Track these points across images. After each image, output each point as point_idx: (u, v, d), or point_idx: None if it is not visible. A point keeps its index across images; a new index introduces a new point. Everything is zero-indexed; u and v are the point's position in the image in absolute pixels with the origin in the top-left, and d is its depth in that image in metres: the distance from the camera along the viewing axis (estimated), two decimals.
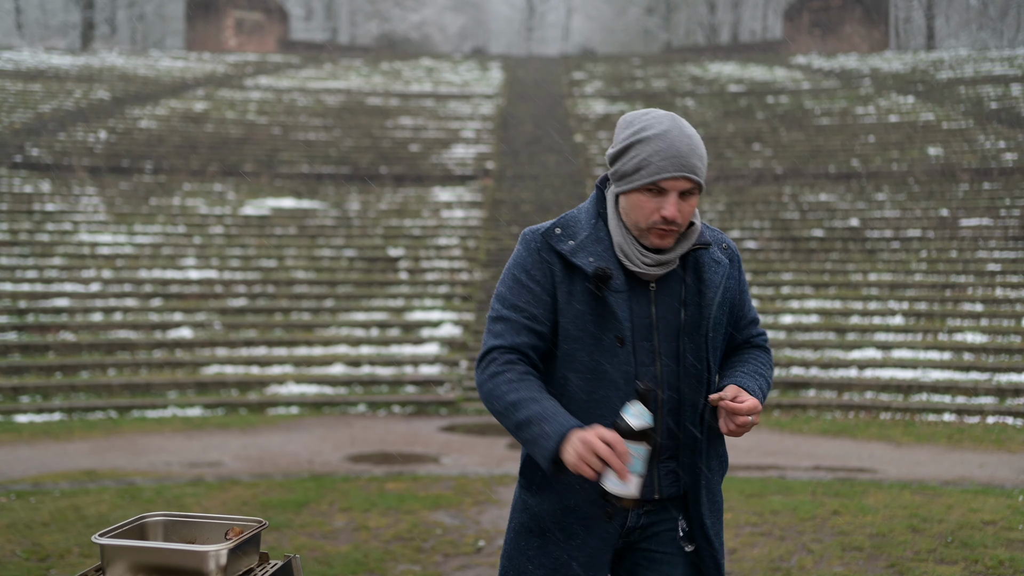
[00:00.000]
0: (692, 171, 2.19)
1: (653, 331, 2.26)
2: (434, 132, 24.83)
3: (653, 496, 2.30)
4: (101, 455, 9.14)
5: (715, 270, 2.32)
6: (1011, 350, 12.93)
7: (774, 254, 16.99)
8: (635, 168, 2.20)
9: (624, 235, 2.26)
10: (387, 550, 5.72)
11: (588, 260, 2.23)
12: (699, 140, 2.26)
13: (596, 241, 2.27)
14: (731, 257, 2.40)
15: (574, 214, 2.34)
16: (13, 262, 15.48)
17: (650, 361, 2.26)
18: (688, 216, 2.24)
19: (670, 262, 2.26)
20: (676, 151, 2.18)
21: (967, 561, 5.41)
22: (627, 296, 2.23)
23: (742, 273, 2.44)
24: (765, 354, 2.47)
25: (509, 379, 2.22)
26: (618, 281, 2.22)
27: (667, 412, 2.27)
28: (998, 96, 25.49)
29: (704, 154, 2.26)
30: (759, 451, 9.61)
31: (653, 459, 2.22)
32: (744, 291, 2.45)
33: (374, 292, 15.65)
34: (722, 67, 34.59)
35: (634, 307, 2.25)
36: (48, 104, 25.02)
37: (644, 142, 2.20)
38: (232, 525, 2.40)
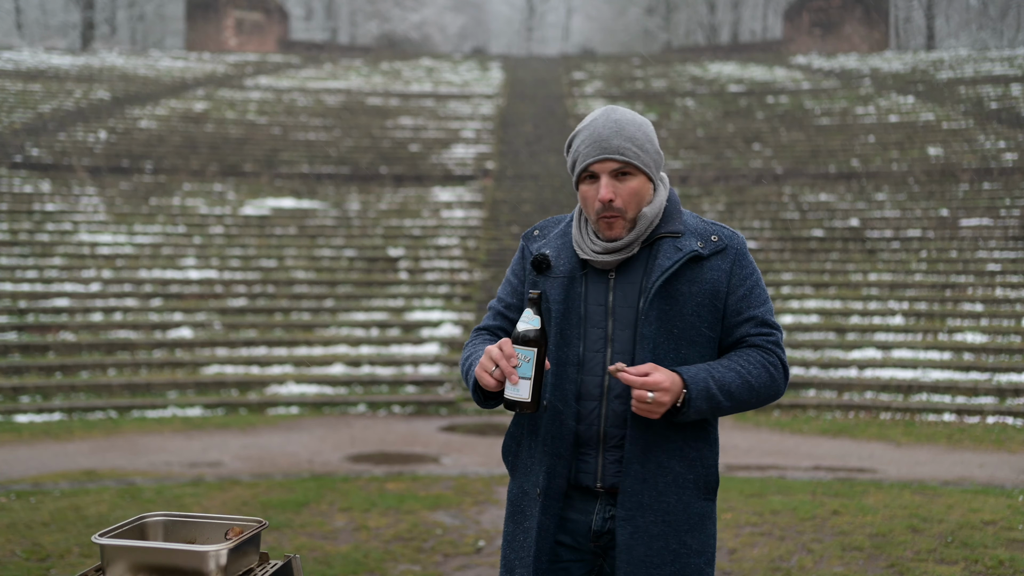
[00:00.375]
0: (616, 151, 2.27)
1: (608, 318, 2.31)
2: (434, 132, 24.83)
3: (595, 484, 2.30)
4: (101, 455, 9.14)
5: (669, 256, 2.28)
6: (1011, 350, 12.93)
7: (774, 254, 16.99)
8: (572, 163, 2.35)
9: (581, 227, 2.38)
10: (387, 550, 5.72)
11: (543, 252, 2.38)
12: (632, 123, 2.31)
13: (561, 236, 2.43)
14: (719, 249, 2.33)
15: (559, 216, 2.52)
16: (13, 262, 15.48)
17: (600, 347, 2.31)
18: (629, 198, 2.28)
19: (621, 249, 2.30)
20: (599, 136, 2.29)
21: (967, 561, 5.41)
22: (566, 281, 2.33)
23: (743, 268, 2.35)
24: (760, 353, 2.32)
25: (471, 344, 2.50)
26: (563, 268, 2.34)
27: (614, 398, 2.28)
28: (998, 96, 25.49)
29: (637, 135, 2.30)
30: (759, 451, 9.61)
31: (598, 448, 2.29)
32: (742, 286, 2.34)
33: (374, 292, 15.65)
34: (722, 67, 34.59)
35: (589, 295, 2.33)
36: (48, 104, 25.03)
37: (577, 136, 2.35)
38: (232, 525, 2.40)
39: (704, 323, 2.31)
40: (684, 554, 2.29)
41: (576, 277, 2.33)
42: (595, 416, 2.30)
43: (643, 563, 2.26)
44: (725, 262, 2.34)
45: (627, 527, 2.26)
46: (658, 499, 2.27)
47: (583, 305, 2.33)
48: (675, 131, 24.96)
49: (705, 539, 2.33)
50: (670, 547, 2.27)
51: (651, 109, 27.54)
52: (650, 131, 2.35)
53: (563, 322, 2.31)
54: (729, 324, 2.35)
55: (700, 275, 2.30)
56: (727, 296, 2.33)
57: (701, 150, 23.15)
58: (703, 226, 2.38)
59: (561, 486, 2.31)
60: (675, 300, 2.28)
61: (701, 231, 2.36)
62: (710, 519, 2.35)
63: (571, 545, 2.35)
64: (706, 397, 2.22)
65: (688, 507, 2.30)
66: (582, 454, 2.32)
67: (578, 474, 2.32)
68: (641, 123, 2.33)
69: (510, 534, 2.42)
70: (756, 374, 2.30)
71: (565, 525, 2.34)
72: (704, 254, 2.31)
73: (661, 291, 2.27)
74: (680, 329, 2.28)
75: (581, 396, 2.31)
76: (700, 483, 2.32)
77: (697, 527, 2.31)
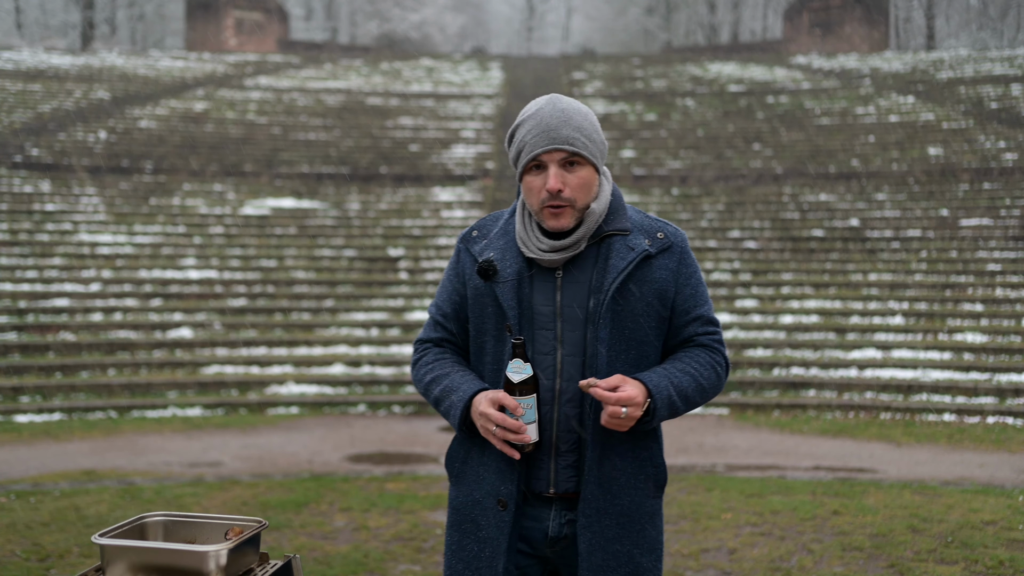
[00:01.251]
0: (565, 142, 2.20)
1: (556, 319, 2.25)
2: (434, 132, 24.83)
3: (548, 490, 2.27)
4: (101, 455, 9.13)
5: (623, 256, 2.25)
6: (1011, 350, 12.93)
7: (774, 254, 16.99)
8: (516, 153, 2.27)
9: (525, 224, 2.31)
10: (387, 550, 5.72)
11: (487, 254, 2.30)
12: (578, 112, 2.26)
13: (503, 235, 2.34)
14: (665, 247, 2.30)
15: (497, 214, 2.44)
16: (13, 262, 15.48)
17: (550, 350, 2.25)
18: (577, 188, 2.23)
19: (569, 247, 2.25)
20: (546, 126, 2.21)
21: (967, 561, 5.41)
22: (515, 284, 2.25)
23: (687, 266, 2.33)
24: (707, 353, 2.32)
25: (425, 362, 2.40)
26: (510, 270, 2.26)
27: (565, 402, 2.24)
28: (998, 96, 25.49)
29: (584, 124, 2.25)
30: (759, 451, 9.61)
31: (551, 453, 2.27)
32: (688, 285, 2.32)
33: (374, 292, 15.66)
34: (722, 67, 34.59)
35: (535, 295, 2.26)
36: (48, 104, 25.03)
37: (521, 126, 2.27)
38: (232, 525, 2.40)
39: (652, 322, 2.28)
40: (637, 554, 2.28)
41: (523, 278, 2.26)
42: (547, 421, 2.25)
43: (602, 568, 2.25)
44: (672, 260, 2.30)
45: (586, 534, 2.24)
46: (614, 502, 2.26)
47: (530, 307, 2.26)
48: (675, 131, 24.96)
49: (655, 536, 2.32)
50: (625, 549, 2.27)
51: (651, 109, 27.54)
52: (595, 121, 2.30)
53: (518, 327, 2.25)
54: (677, 323, 2.32)
55: (649, 274, 2.27)
56: (675, 295, 2.30)
57: (701, 150, 23.15)
58: (648, 223, 2.33)
59: (517, 494, 2.27)
60: (627, 300, 2.24)
61: (647, 228, 2.32)
62: (659, 515, 2.35)
63: (526, 552, 2.32)
64: (668, 405, 2.21)
65: (640, 507, 2.29)
66: (534, 460, 2.27)
67: (531, 480, 2.28)
68: (587, 112, 2.28)
69: (456, 544, 2.35)
70: (706, 376, 2.30)
71: (520, 532, 2.31)
72: (652, 252, 2.27)
73: (616, 292, 2.23)
74: (631, 329, 2.25)
75: None
76: (651, 482, 2.31)
77: (648, 525, 2.30)
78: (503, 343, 2.27)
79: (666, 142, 24.01)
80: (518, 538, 2.30)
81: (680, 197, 20.06)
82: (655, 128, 25.39)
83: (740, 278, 15.96)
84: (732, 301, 15.18)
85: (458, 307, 2.38)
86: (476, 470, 2.32)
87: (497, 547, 2.27)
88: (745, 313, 14.77)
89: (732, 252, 16.99)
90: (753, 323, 14.36)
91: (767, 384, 12.75)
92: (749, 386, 12.73)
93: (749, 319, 14.56)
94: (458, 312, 2.38)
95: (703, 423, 11.25)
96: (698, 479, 7.97)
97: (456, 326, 2.40)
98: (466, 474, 2.34)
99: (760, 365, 13.25)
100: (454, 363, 2.38)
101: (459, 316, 2.39)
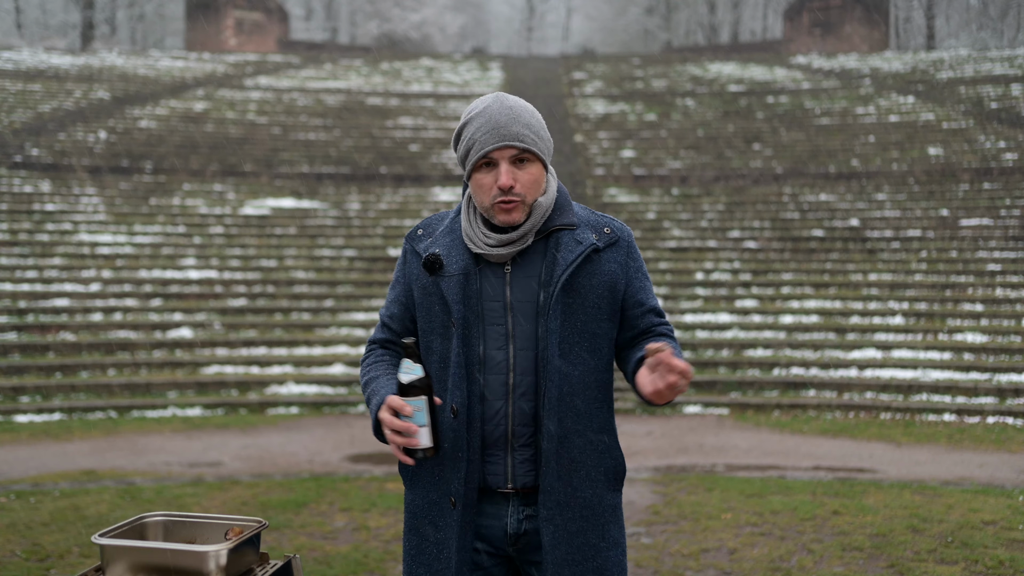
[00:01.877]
0: (515, 138, 2.22)
1: (507, 313, 2.26)
2: (434, 132, 24.83)
3: (506, 486, 2.26)
4: (101, 455, 9.13)
5: (571, 249, 2.26)
6: (1011, 350, 12.93)
7: (774, 254, 16.99)
8: (466, 151, 2.27)
9: (471, 220, 2.32)
10: (387, 550, 5.72)
11: (432, 251, 2.30)
12: (525, 110, 2.27)
13: (449, 233, 2.35)
14: (613, 241, 2.32)
15: (442, 213, 2.44)
16: (13, 262, 15.48)
17: (502, 344, 2.25)
18: (528, 185, 2.24)
19: (516, 241, 2.26)
20: (495, 123, 2.22)
21: (967, 561, 5.41)
22: (462, 279, 2.26)
23: (635, 260, 2.35)
24: (668, 342, 2.31)
25: (365, 364, 2.44)
26: (456, 266, 2.27)
27: (519, 396, 2.24)
28: (998, 96, 25.49)
29: (532, 121, 2.26)
30: (759, 451, 9.61)
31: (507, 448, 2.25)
32: (636, 277, 2.35)
33: (374, 292, 15.65)
34: (722, 67, 34.59)
35: (484, 290, 2.27)
36: (48, 104, 25.02)
37: (468, 124, 2.27)
38: (232, 525, 2.40)
39: (604, 314, 2.29)
40: (604, 548, 2.27)
41: (471, 273, 2.27)
42: (501, 416, 2.25)
43: (567, 562, 2.24)
44: (619, 254, 2.32)
45: (549, 527, 2.23)
46: (574, 495, 2.25)
47: (479, 302, 2.26)
48: (675, 131, 24.96)
49: (620, 531, 2.32)
50: (590, 542, 2.26)
51: (651, 109, 27.54)
52: (541, 118, 2.32)
53: (464, 322, 2.25)
54: (632, 315, 2.34)
55: (598, 268, 2.28)
56: (625, 288, 2.32)
57: (701, 150, 23.14)
58: (594, 218, 2.35)
59: (474, 491, 2.26)
60: (577, 293, 2.25)
61: (594, 223, 2.33)
62: (620, 510, 2.34)
63: (487, 551, 2.30)
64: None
65: (602, 500, 2.28)
66: (489, 456, 2.27)
67: (486, 476, 2.27)
68: (533, 110, 2.30)
69: (415, 548, 2.33)
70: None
71: (479, 531, 2.29)
72: (600, 246, 2.29)
73: (565, 285, 2.24)
74: (583, 322, 2.26)
75: (485, 397, 2.26)
76: (610, 474, 2.31)
77: (612, 519, 2.30)
78: (450, 340, 2.27)
79: (666, 142, 24.01)
80: (477, 537, 2.29)
81: (680, 197, 20.06)
82: (655, 128, 25.39)
83: (740, 278, 15.96)
84: (732, 301, 15.18)
85: (404, 307, 2.39)
86: (431, 471, 2.30)
87: (451, 547, 2.26)
88: (745, 313, 14.77)
89: (732, 252, 16.99)
90: (753, 323, 14.36)
91: (767, 384, 12.75)
92: (749, 386, 12.73)
93: (749, 319, 14.56)
94: (404, 313, 2.39)
95: (703, 423, 11.25)
96: (698, 479, 7.97)
97: (402, 327, 2.41)
98: (420, 475, 2.33)
99: (760, 365, 13.25)
100: (388, 366, 2.39)
101: (405, 317, 2.40)
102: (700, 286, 15.77)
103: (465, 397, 2.24)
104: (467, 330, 2.25)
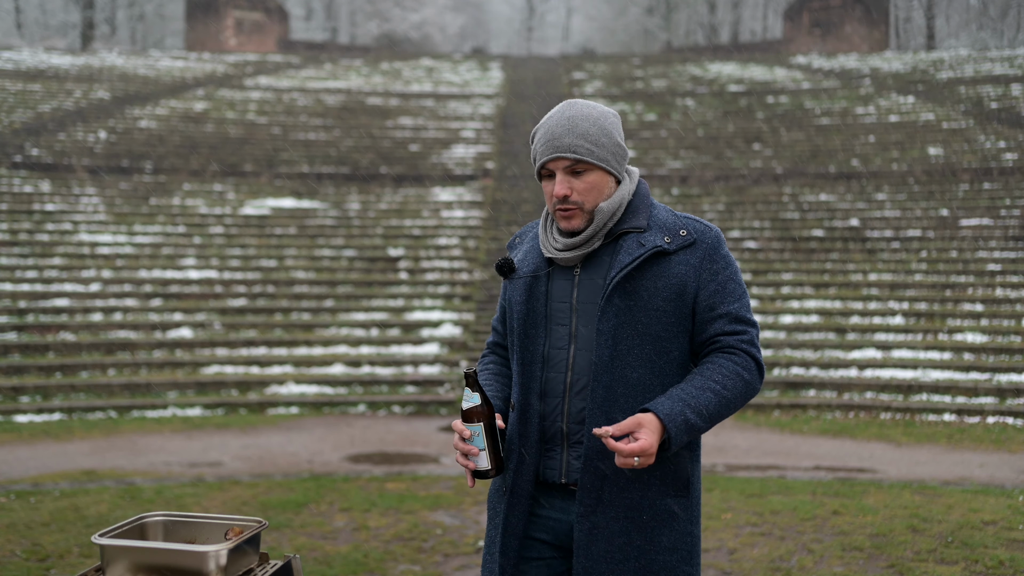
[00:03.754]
0: (566, 150, 2.27)
1: (572, 315, 2.32)
2: (434, 132, 24.83)
3: (559, 480, 2.31)
4: (101, 455, 9.13)
5: (631, 252, 2.26)
6: (1011, 350, 12.93)
7: (774, 254, 16.99)
8: (533, 160, 2.37)
9: (546, 226, 2.42)
10: (387, 550, 5.72)
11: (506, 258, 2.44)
12: (586, 119, 2.30)
13: (533, 238, 2.47)
14: (687, 243, 2.29)
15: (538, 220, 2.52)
16: (13, 262, 15.48)
17: (564, 344, 2.32)
18: (585, 192, 2.29)
19: (580, 245, 2.32)
20: (552, 135, 2.30)
21: (967, 561, 5.41)
22: (528, 282, 2.37)
23: (715, 262, 2.29)
24: (730, 359, 2.26)
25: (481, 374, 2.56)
26: (527, 269, 2.38)
27: (575, 394, 2.29)
28: (998, 96, 25.49)
29: (591, 131, 2.28)
30: (759, 451, 9.61)
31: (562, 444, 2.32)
32: (714, 281, 2.28)
33: (374, 292, 15.65)
34: (722, 67, 34.59)
35: (553, 292, 2.35)
36: (48, 104, 25.03)
37: (536, 133, 2.37)
38: (232, 525, 2.40)
39: (671, 318, 2.27)
40: (650, 551, 2.25)
41: (539, 276, 2.36)
42: (558, 413, 2.30)
43: (603, 559, 2.24)
44: (694, 257, 2.29)
45: (584, 523, 2.26)
46: (620, 495, 2.25)
47: (546, 303, 2.35)
48: (675, 131, 24.96)
49: (678, 536, 2.28)
50: (633, 543, 2.25)
51: (651, 109, 27.54)
52: (608, 124, 2.31)
53: (525, 321, 2.35)
54: (701, 320, 2.29)
55: (667, 270, 2.27)
56: (697, 291, 2.28)
57: (701, 150, 23.15)
58: (673, 220, 2.33)
59: (527, 482, 2.33)
60: (638, 295, 2.25)
61: (670, 225, 2.32)
62: (685, 517, 2.30)
63: (550, 542, 2.36)
64: (685, 430, 2.17)
65: (654, 504, 2.26)
66: (548, 450, 2.33)
67: (545, 471, 2.34)
68: (597, 117, 2.30)
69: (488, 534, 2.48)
70: (731, 386, 2.25)
71: (545, 523, 2.35)
72: (670, 249, 2.27)
73: (620, 286, 2.24)
74: (644, 324, 2.25)
75: (545, 393, 2.32)
76: (668, 480, 2.28)
77: (666, 524, 2.27)
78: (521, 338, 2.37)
79: (666, 142, 24.01)
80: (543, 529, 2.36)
81: (680, 197, 20.06)
82: (655, 128, 25.39)
83: None
84: None
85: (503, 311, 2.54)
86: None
87: (508, 531, 2.35)
88: None
89: (732, 252, 16.98)
90: None
91: (767, 384, 12.75)
92: None
93: None
94: (503, 316, 2.55)
95: None
96: None
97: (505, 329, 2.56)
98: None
99: None
100: (490, 374, 2.54)
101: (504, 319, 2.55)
102: None
103: (521, 393, 2.34)
104: (530, 329, 2.35)
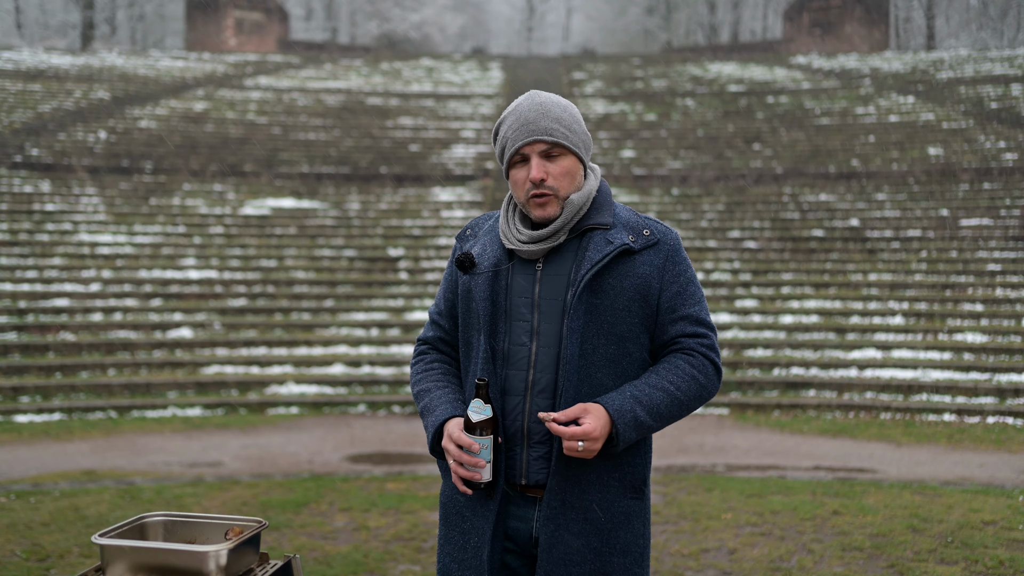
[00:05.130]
0: (543, 133, 2.25)
1: (533, 310, 2.27)
2: (434, 132, 24.83)
3: (520, 481, 2.27)
4: (101, 455, 9.13)
5: (600, 249, 2.25)
6: (1011, 350, 12.93)
7: (774, 254, 16.99)
8: (500, 149, 2.32)
9: (508, 217, 2.36)
10: (387, 550, 5.72)
11: (467, 250, 2.37)
12: (556, 105, 2.30)
13: (490, 231, 2.40)
14: (651, 243, 2.29)
15: (492, 212, 2.49)
16: (13, 262, 15.48)
17: (525, 340, 2.27)
18: (560, 177, 2.27)
19: (547, 238, 2.27)
20: (525, 119, 2.27)
21: (967, 561, 5.41)
22: (491, 276, 2.29)
23: (676, 264, 2.30)
24: (686, 361, 2.27)
25: (417, 370, 2.47)
26: (488, 263, 2.31)
27: (537, 393, 2.25)
28: (998, 96, 25.49)
29: (564, 116, 2.28)
30: (759, 451, 9.61)
31: (522, 444, 2.28)
32: (675, 283, 2.29)
33: (374, 292, 15.65)
34: (722, 67, 34.59)
35: (514, 286, 2.29)
36: (48, 104, 25.02)
37: (502, 124, 2.33)
38: (232, 525, 2.40)
39: (635, 318, 2.26)
40: (606, 552, 2.25)
41: (501, 269, 2.30)
42: (519, 412, 2.26)
43: (562, 561, 2.23)
44: (657, 257, 2.29)
45: (549, 526, 2.24)
46: (581, 497, 2.24)
47: (507, 298, 2.28)
48: (675, 131, 24.96)
49: (632, 538, 2.29)
50: (591, 545, 2.24)
51: (651, 109, 27.54)
52: (576, 113, 2.33)
53: (490, 318, 2.28)
54: (662, 321, 2.29)
55: (631, 269, 2.26)
56: (660, 292, 2.28)
57: (701, 150, 23.14)
58: (636, 220, 2.33)
59: (498, 485, 2.27)
60: (605, 294, 2.24)
61: (633, 224, 2.31)
62: (638, 518, 2.31)
63: (515, 551, 2.33)
64: (634, 427, 2.18)
65: (612, 505, 2.26)
66: (508, 450, 2.28)
67: (505, 470, 2.29)
68: (566, 105, 2.32)
69: (444, 537, 2.38)
70: (685, 388, 2.25)
71: (507, 531, 2.31)
72: (635, 248, 2.26)
73: (591, 284, 2.23)
74: (610, 324, 2.24)
75: (506, 391, 2.27)
76: (626, 481, 2.28)
77: (622, 525, 2.27)
78: (476, 332, 2.31)
79: (666, 142, 24.01)
80: (506, 537, 2.31)
81: (680, 197, 20.06)
82: (655, 128, 25.39)
83: (740, 278, 15.96)
84: (732, 301, 15.18)
85: (452, 304, 2.43)
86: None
87: (482, 535, 2.28)
88: (745, 313, 14.77)
89: (732, 252, 16.99)
90: (753, 323, 14.36)
91: (767, 384, 12.75)
92: (749, 386, 12.73)
93: (749, 319, 14.56)
94: (451, 309, 2.43)
95: (703, 423, 11.25)
96: (698, 479, 7.97)
97: (450, 323, 2.44)
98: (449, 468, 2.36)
99: (760, 365, 13.25)
100: (440, 375, 2.42)
101: (452, 313, 2.43)
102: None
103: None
104: (493, 326, 2.28)
